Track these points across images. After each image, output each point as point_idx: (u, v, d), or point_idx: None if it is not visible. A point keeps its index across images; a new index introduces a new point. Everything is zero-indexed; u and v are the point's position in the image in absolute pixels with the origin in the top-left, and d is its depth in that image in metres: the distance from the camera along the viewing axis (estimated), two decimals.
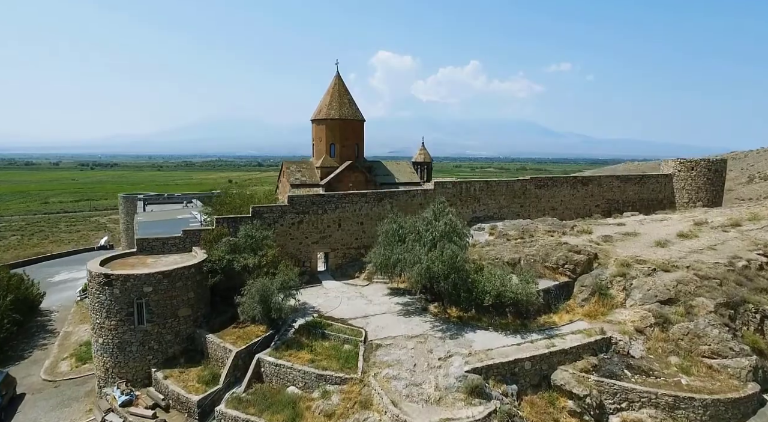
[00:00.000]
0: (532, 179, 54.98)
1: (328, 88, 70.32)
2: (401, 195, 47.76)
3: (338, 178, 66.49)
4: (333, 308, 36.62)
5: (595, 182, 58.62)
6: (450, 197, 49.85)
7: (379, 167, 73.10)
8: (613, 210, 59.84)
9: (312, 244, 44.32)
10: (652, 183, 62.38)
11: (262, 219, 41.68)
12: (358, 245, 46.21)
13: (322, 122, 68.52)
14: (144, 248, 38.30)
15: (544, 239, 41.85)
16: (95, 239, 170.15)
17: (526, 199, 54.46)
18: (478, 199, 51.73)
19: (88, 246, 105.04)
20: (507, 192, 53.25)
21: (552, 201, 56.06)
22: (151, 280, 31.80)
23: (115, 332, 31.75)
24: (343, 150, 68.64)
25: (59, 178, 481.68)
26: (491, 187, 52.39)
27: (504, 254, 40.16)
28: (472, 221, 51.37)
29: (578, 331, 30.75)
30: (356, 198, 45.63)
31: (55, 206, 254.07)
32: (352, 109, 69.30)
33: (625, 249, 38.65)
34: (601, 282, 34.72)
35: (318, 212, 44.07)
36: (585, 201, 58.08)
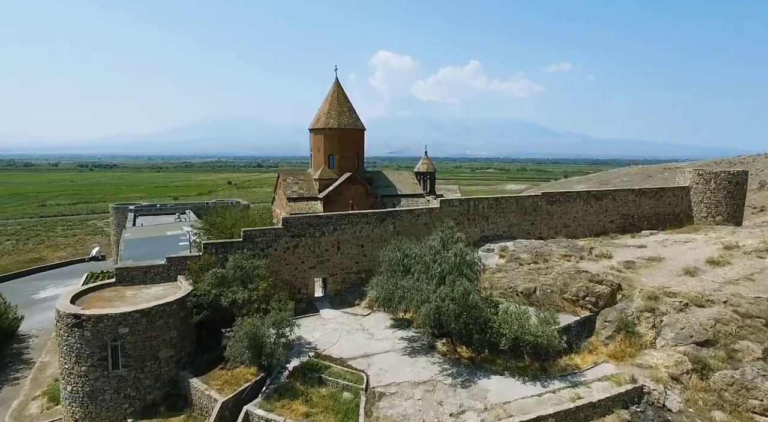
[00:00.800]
0: (544, 195, 51.62)
1: (326, 95, 67.02)
2: (405, 215, 44.40)
3: (337, 191, 63.22)
4: (331, 344, 33.31)
5: (609, 197, 55.24)
6: (457, 215, 46.60)
7: (380, 178, 69.80)
8: (628, 225, 56.51)
9: (309, 269, 40.99)
10: (669, 196, 59.01)
11: (254, 244, 38.40)
12: (359, 269, 42.91)
13: (321, 131, 65.24)
14: (123, 279, 34.90)
15: (561, 265, 38.54)
16: (92, 243, 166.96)
17: (537, 216, 51.10)
18: (487, 217, 48.37)
19: (79, 257, 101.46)
20: (517, 209, 49.89)
21: (564, 218, 52.70)
22: (127, 320, 28.41)
23: (86, 379, 28.32)
24: (343, 161, 65.35)
25: (57, 179, 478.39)
26: (500, 204, 49.02)
27: (517, 282, 36.88)
28: (481, 240, 48.06)
29: (605, 377, 27.47)
30: (356, 219, 42.28)
31: (52, 209, 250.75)
32: (351, 117, 66.01)
33: (651, 278, 35.32)
34: (626, 318, 31.40)
35: (315, 235, 40.72)
36: (599, 217, 54.72)
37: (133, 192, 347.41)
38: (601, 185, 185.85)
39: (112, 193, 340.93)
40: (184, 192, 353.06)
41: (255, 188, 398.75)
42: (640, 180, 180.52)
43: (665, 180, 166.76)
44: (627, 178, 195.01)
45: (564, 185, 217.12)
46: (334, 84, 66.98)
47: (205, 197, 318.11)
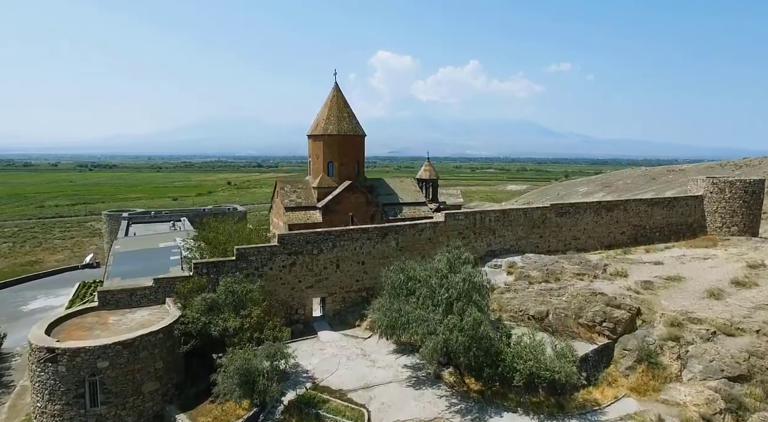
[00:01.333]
0: (553, 206, 49.27)
1: (325, 100, 64.70)
2: (408, 230, 42.00)
3: (337, 200, 60.92)
4: (330, 373, 30.98)
5: (620, 208, 52.88)
6: (462, 229, 44.31)
7: (381, 186, 67.48)
8: (639, 236, 54.17)
9: (306, 289, 38.63)
10: (681, 206, 56.65)
11: (248, 263, 36.05)
12: (359, 288, 40.58)
13: (320, 137, 62.93)
14: (107, 302, 32.51)
15: (574, 284, 36.18)
16: (89, 245, 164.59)
17: (546, 228, 48.75)
18: (494, 231, 46.02)
19: (73, 265, 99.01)
20: (525, 222, 47.54)
21: (574, 230, 50.35)
22: (107, 353, 26.06)
23: (60, 418, 25.95)
24: (342, 168, 63.05)
25: (57, 180, 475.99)
26: (508, 217, 46.66)
27: (528, 304, 34.58)
28: (487, 255, 45.73)
29: (628, 416, 25.21)
30: (356, 234, 39.92)
31: (50, 210, 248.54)
32: (351, 123, 63.66)
33: (672, 301, 32.96)
34: (648, 346, 29.09)
35: (313, 252, 38.36)
36: (609, 228, 52.37)
37: (132, 193, 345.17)
38: (604, 187, 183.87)
39: (111, 193, 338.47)
40: (184, 193, 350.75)
41: (254, 188, 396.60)
42: (643, 182, 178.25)
43: (669, 182, 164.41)
44: (630, 180, 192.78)
45: (566, 186, 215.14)
46: (333, 89, 64.66)
47: (204, 198, 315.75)
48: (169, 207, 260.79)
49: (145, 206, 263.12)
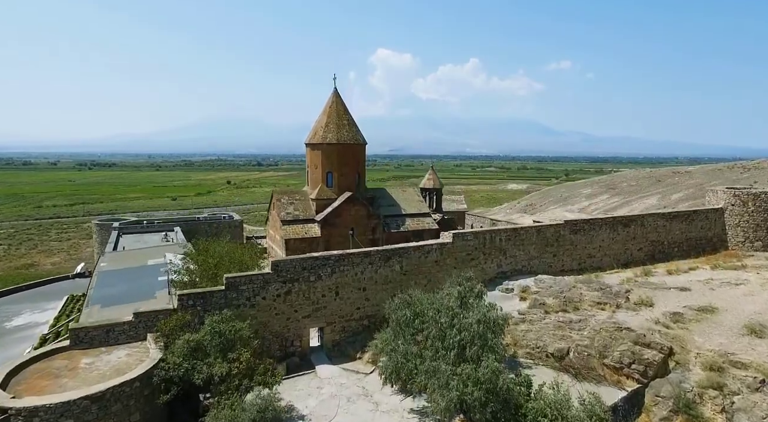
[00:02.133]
0: (567, 223, 46.06)
1: (324, 107, 61.51)
2: (413, 252, 38.79)
3: (336, 212, 57.79)
4: (328, 419, 27.79)
5: (637, 223, 49.68)
6: (471, 251, 41.14)
7: (382, 197, 64.34)
8: (657, 253, 51.02)
9: (303, 319, 35.45)
10: (701, 220, 53.49)
11: (239, 293, 32.87)
12: (360, 316, 37.42)
13: (318, 146, 59.76)
14: (81, 341, 29.27)
15: (595, 315, 32.96)
16: (86, 248, 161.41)
17: (560, 247, 45.58)
18: (504, 251, 42.83)
19: (63, 275, 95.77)
20: (538, 240, 44.36)
21: (589, 247, 47.17)
22: (72, 410, 22.80)
23: None
24: (342, 179, 59.93)
25: (56, 179, 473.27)
26: (519, 235, 43.47)
27: (546, 339, 31.40)
28: (498, 276, 42.59)
29: None
30: (357, 259, 36.72)
31: (48, 210, 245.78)
32: (351, 131, 60.48)
33: (707, 337, 29.72)
34: (685, 394, 25.85)
35: (310, 279, 35.17)
36: (626, 245, 49.20)
37: (131, 192, 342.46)
38: (609, 189, 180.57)
39: (110, 193, 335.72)
40: (183, 192, 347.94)
41: (254, 187, 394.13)
42: (648, 184, 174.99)
43: (675, 185, 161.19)
44: (635, 182, 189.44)
45: (569, 188, 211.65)
46: (332, 94, 61.45)
47: (203, 198, 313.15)
48: (168, 207, 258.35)
49: (144, 207, 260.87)
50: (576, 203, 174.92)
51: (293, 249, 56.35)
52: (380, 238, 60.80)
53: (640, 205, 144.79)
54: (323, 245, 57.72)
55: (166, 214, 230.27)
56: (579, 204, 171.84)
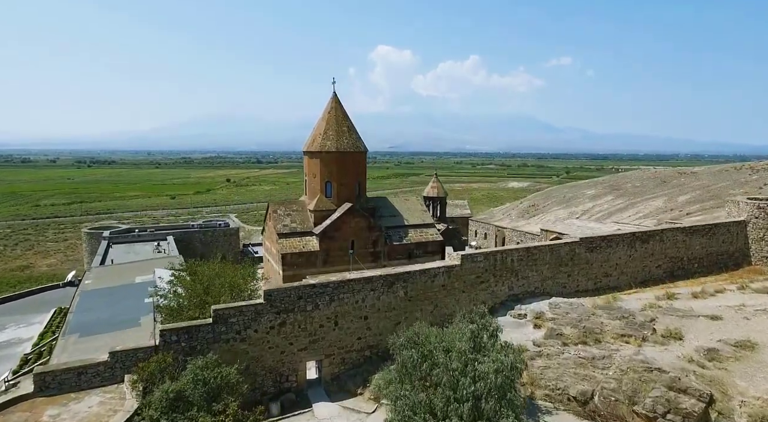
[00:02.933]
0: (583, 240, 43.00)
1: (323, 112, 58.36)
2: (418, 277, 35.74)
3: (335, 225, 54.72)
4: None
5: (656, 238, 46.61)
6: (481, 272, 38.12)
7: (384, 206, 61.24)
8: (676, 269, 48.03)
9: (299, 351, 32.43)
10: (723, 233, 50.43)
11: (228, 326, 29.85)
12: (361, 347, 34.42)
13: (316, 154, 56.62)
14: (47, 387, 26.21)
15: (619, 351, 29.91)
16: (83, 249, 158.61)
17: (575, 266, 42.56)
18: (516, 272, 39.82)
19: (54, 284, 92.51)
20: (551, 260, 41.31)
21: (605, 266, 44.15)
22: None
23: None
24: (342, 189, 56.81)
25: (54, 177, 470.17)
26: (532, 255, 40.42)
27: (567, 378, 28.41)
28: (509, 299, 39.61)
29: None
30: (358, 285, 33.67)
31: (46, 210, 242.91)
32: (351, 138, 57.33)
33: (750, 380, 26.68)
34: None
35: (306, 309, 32.14)
36: (644, 262, 46.16)
37: (130, 190, 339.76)
38: (613, 190, 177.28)
39: (109, 192, 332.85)
40: (182, 190, 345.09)
41: (254, 186, 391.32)
42: (653, 185, 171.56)
43: (681, 186, 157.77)
44: (639, 182, 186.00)
45: (572, 188, 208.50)
46: (331, 99, 58.33)
47: (203, 196, 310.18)
48: (167, 206, 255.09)
49: (142, 206, 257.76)
50: (580, 204, 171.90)
51: (290, 264, 53.37)
52: (382, 251, 57.78)
53: (646, 207, 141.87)
54: (322, 259, 54.73)
55: (165, 212, 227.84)
56: (583, 205, 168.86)
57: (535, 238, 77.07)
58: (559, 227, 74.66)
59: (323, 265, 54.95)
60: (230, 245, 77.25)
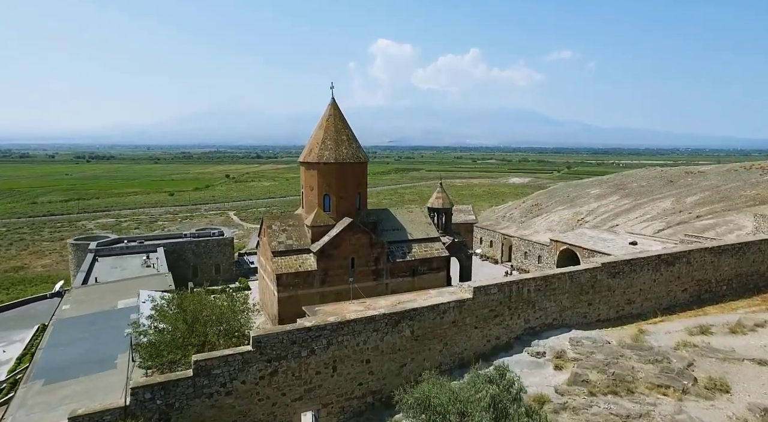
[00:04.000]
0: (605, 266, 39.25)
1: (320, 120, 54.52)
2: (426, 313, 32.00)
3: (334, 243, 51.02)
4: None
5: (683, 260, 42.88)
6: (495, 305, 34.45)
7: (386, 220, 57.52)
8: (703, 293, 44.36)
9: (293, 402, 28.71)
10: (753, 252, 46.73)
11: (212, 379, 26.16)
12: (363, 393, 30.71)
13: (314, 166, 52.83)
14: None
15: (657, 406, 26.21)
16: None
17: (596, 293, 38.89)
18: (533, 303, 36.13)
19: (41, 294, 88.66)
20: (571, 288, 37.62)
21: (628, 292, 40.48)
22: None
23: None
24: (341, 202, 53.06)
25: (53, 172, 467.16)
26: (550, 284, 36.70)
27: None
28: (525, 333, 35.96)
29: None
30: (359, 326, 29.93)
31: (43, 207, 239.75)
32: (351, 148, 53.50)
33: None
34: None
35: (301, 355, 28.42)
36: (669, 286, 42.49)
37: (128, 187, 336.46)
38: (618, 190, 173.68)
39: (107, 188, 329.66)
40: (181, 186, 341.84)
41: (253, 182, 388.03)
42: (660, 185, 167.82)
43: (689, 187, 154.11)
44: (645, 182, 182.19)
45: (577, 188, 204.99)
46: (330, 106, 54.49)
47: (201, 193, 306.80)
48: (165, 203, 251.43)
49: (140, 203, 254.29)
50: (584, 204, 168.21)
51: (286, 285, 49.72)
52: (384, 268, 54.10)
53: (653, 208, 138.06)
54: (320, 279, 51.08)
55: (163, 210, 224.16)
56: (588, 206, 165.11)
57: (544, 248, 73.67)
58: (569, 237, 71.17)
59: (321, 285, 51.36)
60: (224, 255, 73.53)
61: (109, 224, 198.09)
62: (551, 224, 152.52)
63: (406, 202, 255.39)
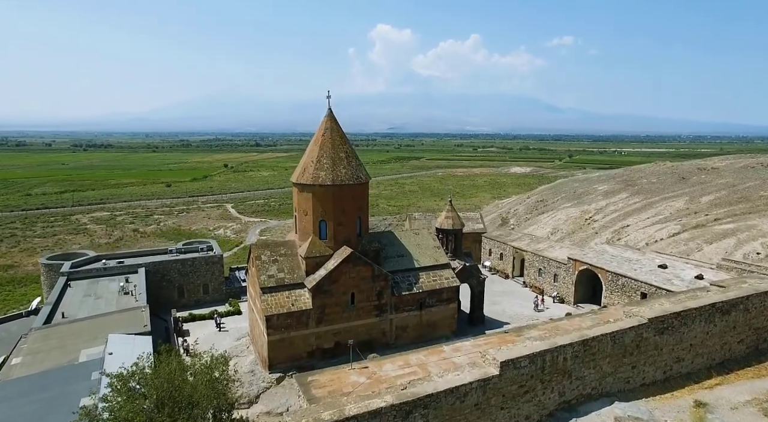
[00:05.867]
0: (652, 321, 33.00)
1: (315, 135, 47.88)
2: (443, 399, 25.80)
3: (332, 277, 44.67)
4: None
5: (740, 307, 36.68)
6: (525, 380, 28.35)
7: (390, 245, 51.12)
8: (761, 342, 38.35)
9: None
10: None
11: None
12: None
13: (308, 187, 46.24)
14: None
15: None
16: (72, 245, 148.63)
17: (641, 354, 32.77)
18: (569, 372, 29.98)
19: (15, 313, 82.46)
20: (613, 351, 31.47)
21: (678, 349, 34.38)
22: None
23: None
24: (339, 230, 46.58)
25: (49, 162, 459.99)
26: (589, 348, 30.50)
27: None
28: (559, 409, 29.87)
29: None
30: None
31: (37, 199, 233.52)
32: (351, 166, 46.89)
33: None
34: None
35: None
36: (723, 338, 36.38)
37: (125, 177, 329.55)
38: (627, 186, 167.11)
39: (103, 179, 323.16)
40: (179, 177, 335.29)
41: (252, 171, 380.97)
42: (672, 182, 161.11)
43: (703, 185, 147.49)
44: (655, 178, 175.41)
45: (583, 183, 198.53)
46: (326, 118, 47.87)
47: (199, 184, 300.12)
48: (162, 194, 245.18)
49: (136, 194, 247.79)
50: (592, 201, 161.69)
51: (277, 327, 43.44)
52: (388, 303, 47.86)
53: (666, 208, 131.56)
54: (316, 318, 44.83)
55: (160, 202, 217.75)
56: (596, 203, 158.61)
57: (561, 266, 67.44)
58: (590, 255, 64.81)
59: (318, 324, 45.22)
60: (213, 274, 67.31)
61: (104, 218, 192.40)
62: (558, 222, 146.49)
63: (407, 193, 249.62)
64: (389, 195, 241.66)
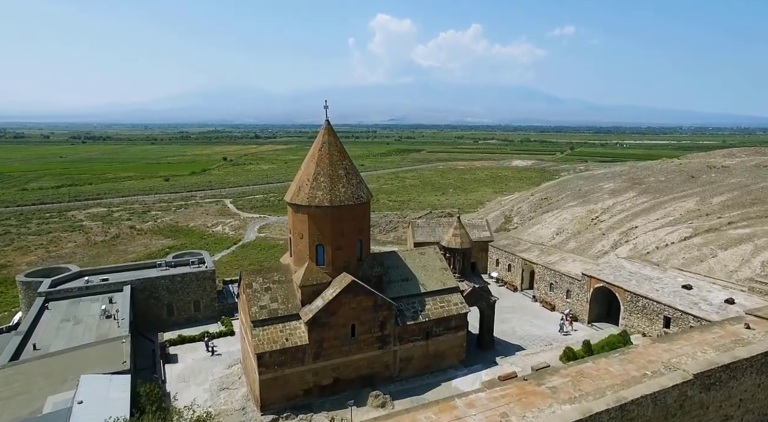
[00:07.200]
0: (698, 377, 28.78)
1: (312, 149, 43.34)
2: None
3: (330, 308, 40.29)
4: None
5: None
6: None
7: (394, 267, 46.73)
8: None
9: None
10: None
11: None
12: None
13: (303, 208, 41.74)
14: None
15: None
16: (67, 243, 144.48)
17: (684, 415, 28.53)
18: None
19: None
20: (654, 414, 27.18)
21: (725, 406, 30.16)
22: None
23: None
24: (338, 255, 42.15)
25: (46, 154, 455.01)
26: (627, 413, 26.17)
27: None
28: None
29: None
30: None
31: (33, 194, 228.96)
32: (350, 185, 42.34)
33: None
34: None
35: None
36: None
37: (123, 171, 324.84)
38: (634, 185, 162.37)
39: (101, 172, 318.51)
40: (177, 170, 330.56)
41: (251, 164, 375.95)
42: (681, 181, 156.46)
43: (713, 184, 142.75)
44: (663, 176, 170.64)
45: (588, 181, 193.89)
46: (324, 131, 43.32)
47: (198, 178, 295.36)
48: (160, 189, 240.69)
49: (134, 189, 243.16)
50: (598, 201, 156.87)
51: (269, 365, 39.14)
52: (391, 334, 43.52)
53: (676, 209, 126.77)
54: (313, 353, 40.50)
55: (157, 197, 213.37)
56: (602, 203, 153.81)
57: (574, 281, 63.13)
58: (606, 272, 60.45)
59: (315, 360, 40.94)
60: (204, 290, 63.05)
61: (100, 214, 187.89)
62: (563, 222, 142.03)
63: (408, 187, 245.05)
64: (390, 190, 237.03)
